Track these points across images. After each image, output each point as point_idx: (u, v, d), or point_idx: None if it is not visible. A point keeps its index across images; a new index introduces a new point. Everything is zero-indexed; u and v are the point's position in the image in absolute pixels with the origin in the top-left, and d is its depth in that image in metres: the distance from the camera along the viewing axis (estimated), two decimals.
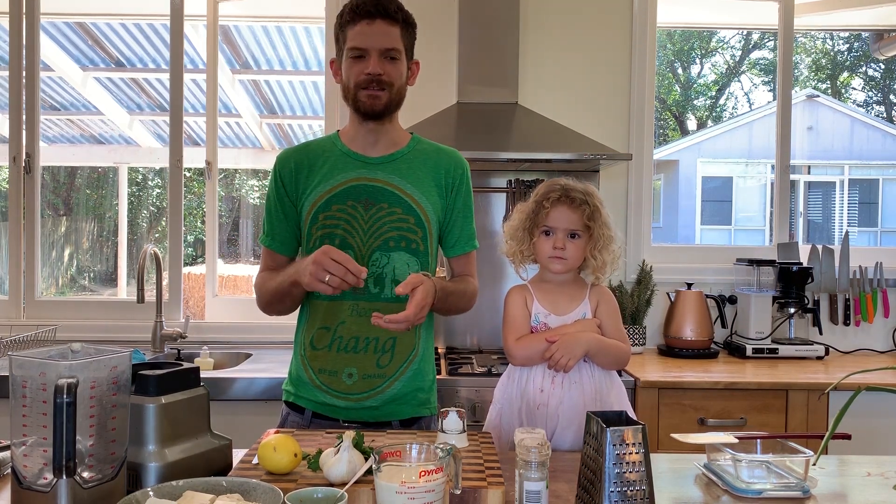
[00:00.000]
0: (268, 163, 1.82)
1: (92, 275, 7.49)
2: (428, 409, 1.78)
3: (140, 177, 8.79)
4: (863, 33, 10.68)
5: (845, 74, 14.15)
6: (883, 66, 13.36)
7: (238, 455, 1.41)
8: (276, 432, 1.39)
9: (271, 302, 1.77)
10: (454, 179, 1.79)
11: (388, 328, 1.56)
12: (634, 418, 1.64)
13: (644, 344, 2.97)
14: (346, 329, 1.70)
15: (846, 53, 14.04)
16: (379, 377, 1.70)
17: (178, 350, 2.90)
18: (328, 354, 1.71)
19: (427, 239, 1.74)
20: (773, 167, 3.45)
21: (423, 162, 1.77)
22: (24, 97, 3.10)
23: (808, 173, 12.64)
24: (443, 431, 1.45)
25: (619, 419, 1.23)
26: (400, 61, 1.69)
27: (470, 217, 1.83)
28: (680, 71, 14.66)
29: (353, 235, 1.70)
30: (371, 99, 1.68)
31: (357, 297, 1.69)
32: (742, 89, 15.10)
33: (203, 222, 3.30)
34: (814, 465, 1.38)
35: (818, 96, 12.63)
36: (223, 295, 4.01)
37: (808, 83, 13.44)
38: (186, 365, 1.35)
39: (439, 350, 2.98)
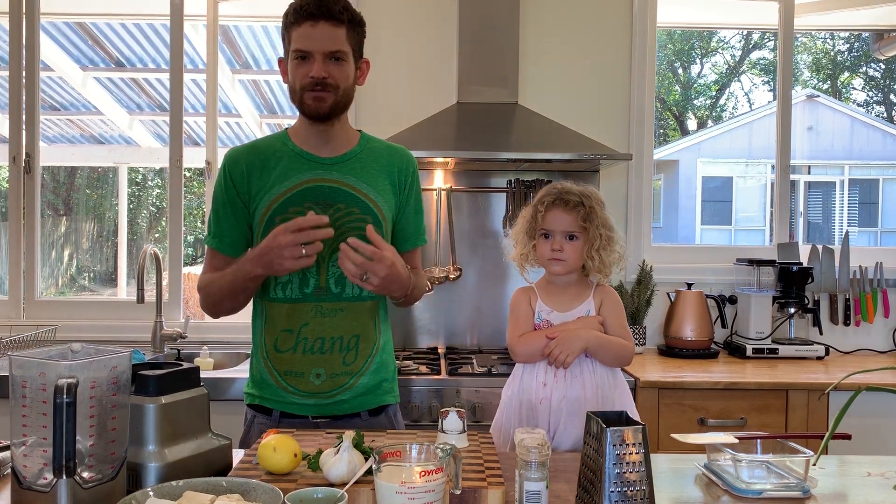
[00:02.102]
0: None
1: (92, 275, 7.50)
2: (393, 397, 1.81)
3: (140, 177, 8.79)
4: (863, 33, 10.68)
5: (845, 74, 14.15)
6: (883, 66, 13.36)
7: (238, 455, 1.41)
8: (277, 432, 1.39)
9: (222, 300, 1.73)
10: (406, 177, 1.80)
11: (344, 265, 1.53)
12: (636, 416, 1.66)
13: (644, 344, 2.97)
14: (310, 330, 1.69)
15: (846, 53, 14.05)
16: (346, 374, 1.71)
17: (178, 350, 2.90)
18: (293, 357, 1.70)
19: (384, 237, 1.73)
20: (773, 167, 3.45)
21: (376, 160, 1.77)
22: (24, 97, 3.10)
23: (809, 173, 12.64)
24: (443, 431, 1.45)
25: (619, 419, 1.23)
26: (346, 62, 1.66)
27: (420, 213, 1.85)
28: (680, 71, 14.66)
29: None
30: (316, 101, 1.65)
31: (320, 299, 1.69)
32: (742, 89, 15.11)
33: (203, 222, 3.30)
34: (814, 465, 1.38)
35: (818, 96, 12.63)
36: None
37: (808, 83, 13.44)
38: (186, 365, 1.35)
39: (439, 350, 2.98)
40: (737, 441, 1.43)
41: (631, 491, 1.14)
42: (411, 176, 1.81)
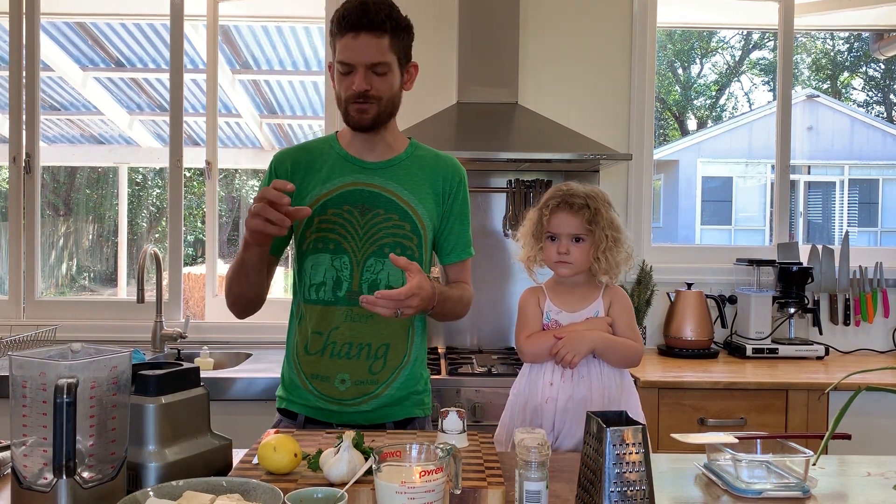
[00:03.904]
0: (268, 163, 1.80)
1: (92, 275, 7.50)
2: (422, 410, 1.78)
3: (140, 177, 8.79)
4: (863, 33, 10.69)
5: (845, 74, 14.15)
6: (883, 66, 13.36)
7: (238, 455, 1.41)
8: (277, 432, 1.39)
9: (231, 286, 1.70)
10: (451, 186, 1.77)
11: (375, 308, 1.50)
12: (641, 417, 1.66)
13: (644, 344, 2.96)
14: (339, 334, 1.68)
15: (846, 53, 14.04)
16: (371, 383, 1.69)
17: (178, 350, 2.90)
18: (321, 360, 1.69)
19: (422, 246, 1.73)
20: (773, 167, 3.45)
21: (421, 168, 1.75)
22: (24, 97, 3.10)
23: (808, 173, 12.64)
24: (443, 431, 1.45)
25: (619, 419, 1.23)
26: (390, 73, 1.64)
27: (467, 224, 1.82)
28: (680, 71, 14.66)
29: (349, 240, 1.68)
30: (359, 114, 1.65)
31: (352, 303, 1.67)
32: (742, 89, 15.11)
33: (203, 222, 3.30)
34: (814, 465, 1.38)
35: (818, 96, 12.63)
36: (223, 295, 4.00)
37: (808, 83, 13.44)
38: (186, 365, 1.34)
39: (439, 350, 2.98)
40: (737, 441, 1.43)
41: (631, 491, 1.14)
42: (458, 185, 1.78)
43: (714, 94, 14.91)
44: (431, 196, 1.75)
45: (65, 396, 1.04)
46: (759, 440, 1.47)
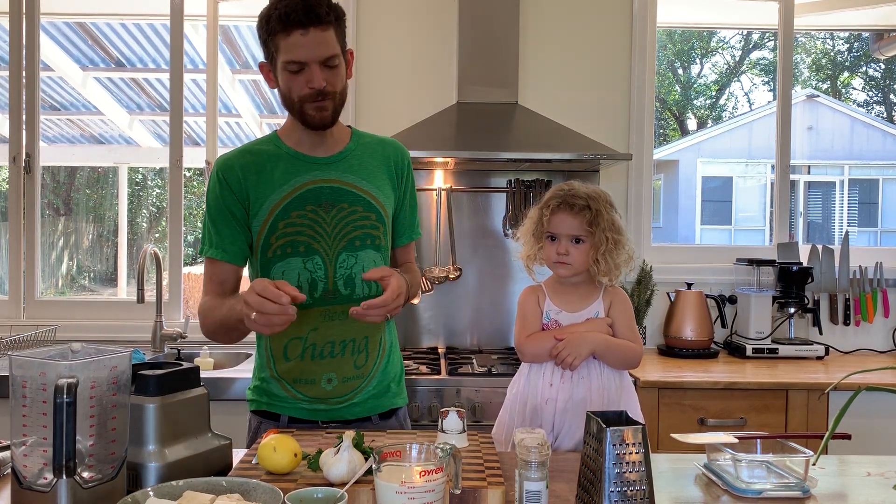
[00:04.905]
0: None
1: (92, 275, 7.50)
2: (402, 399, 1.79)
3: (140, 177, 8.79)
4: (863, 33, 10.68)
5: (845, 74, 14.15)
6: (883, 66, 13.36)
7: (238, 455, 1.41)
8: (276, 432, 1.39)
9: (217, 332, 1.68)
10: (401, 169, 1.77)
11: (366, 318, 1.51)
12: (640, 418, 1.66)
13: (644, 344, 2.96)
14: (318, 335, 1.64)
15: (846, 53, 14.04)
16: (357, 377, 1.68)
17: (178, 350, 2.90)
18: (302, 364, 1.66)
19: (387, 234, 1.72)
20: (773, 167, 3.45)
21: (371, 156, 1.73)
22: (24, 97, 3.10)
23: (808, 173, 12.64)
24: (443, 431, 1.45)
25: (619, 419, 1.23)
26: (339, 65, 1.60)
27: (415, 206, 1.82)
28: (680, 71, 14.66)
29: (318, 240, 1.64)
30: (319, 111, 1.60)
31: (328, 302, 1.64)
32: (742, 89, 15.11)
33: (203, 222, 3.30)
34: (814, 465, 1.38)
35: (818, 96, 12.63)
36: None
37: (808, 83, 13.44)
38: (186, 365, 1.34)
39: (439, 350, 2.98)
40: (737, 441, 1.43)
41: (631, 491, 1.14)
42: (406, 168, 1.78)
43: (714, 94, 14.91)
44: (387, 182, 1.74)
45: (65, 396, 1.04)
46: (759, 440, 1.47)
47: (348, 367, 1.67)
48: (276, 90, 1.66)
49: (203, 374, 1.41)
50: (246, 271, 1.75)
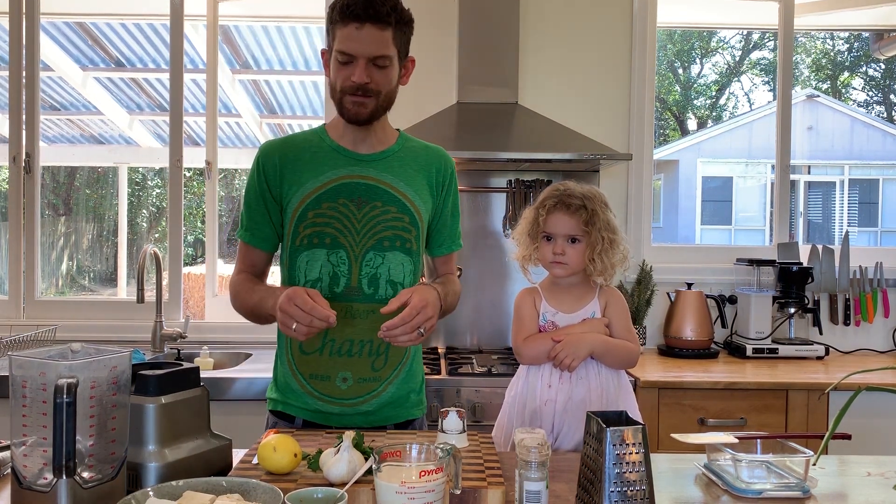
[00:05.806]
0: None
1: (92, 275, 7.50)
2: (420, 410, 1.77)
3: (140, 177, 8.79)
4: (863, 33, 10.69)
5: (845, 74, 14.16)
6: (883, 66, 13.36)
7: (238, 455, 1.41)
8: (276, 432, 1.39)
9: (247, 316, 1.72)
10: (444, 178, 1.76)
11: (398, 341, 1.49)
12: (638, 417, 1.66)
13: (644, 344, 2.97)
14: (338, 332, 1.62)
15: (846, 53, 14.05)
16: (374, 380, 1.66)
17: (178, 350, 2.90)
18: (319, 359, 1.65)
19: (419, 238, 1.71)
20: (773, 167, 3.45)
21: (414, 160, 1.73)
22: (24, 97, 3.10)
23: (808, 173, 12.64)
24: (443, 431, 1.45)
25: (619, 419, 1.23)
26: (390, 67, 1.60)
27: (457, 216, 1.81)
28: (680, 71, 14.67)
29: (346, 235, 1.64)
30: (356, 106, 1.60)
31: (351, 299, 1.64)
32: (742, 89, 15.12)
33: (203, 222, 3.30)
34: (814, 465, 1.38)
35: (818, 96, 12.64)
36: (223, 295, 4.00)
37: (808, 83, 13.44)
38: (186, 365, 1.34)
39: (439, 350, 2.98)
40: (737, 441, 1.43)
41: (631, 491, 1.14)
42: (450, 177, 1.77)
43: (714, 94, 14.92)
44: (426, 188, 1.73)
45: (65, 396, 1.04)
46: (759, 440, 1.47)
47: (365, 369, 1.65)
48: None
49: (203, 375, 1.41)
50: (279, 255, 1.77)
